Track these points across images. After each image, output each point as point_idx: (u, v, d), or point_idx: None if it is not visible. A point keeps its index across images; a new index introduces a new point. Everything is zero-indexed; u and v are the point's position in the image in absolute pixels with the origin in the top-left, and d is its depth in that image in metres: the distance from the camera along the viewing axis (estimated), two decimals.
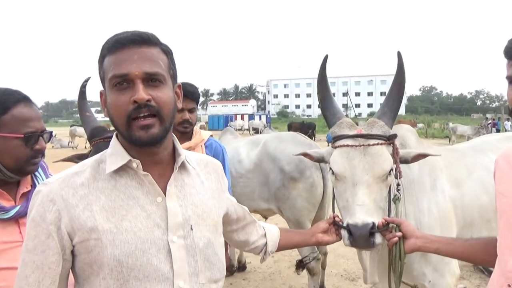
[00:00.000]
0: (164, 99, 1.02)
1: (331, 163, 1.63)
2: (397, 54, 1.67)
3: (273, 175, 3.37)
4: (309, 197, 3.30)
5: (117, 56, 0.99)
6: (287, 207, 3.35)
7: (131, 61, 0.98)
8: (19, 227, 1.36)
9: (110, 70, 0.99)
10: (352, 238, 1.47)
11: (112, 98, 1.00)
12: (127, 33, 1.01)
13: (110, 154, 1.06)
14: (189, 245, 1.05)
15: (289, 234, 1.57)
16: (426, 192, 1.99)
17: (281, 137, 3.66)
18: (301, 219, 3.34)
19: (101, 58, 1.03)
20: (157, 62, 1.02)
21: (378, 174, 1.54)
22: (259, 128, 34.01)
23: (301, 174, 3.28)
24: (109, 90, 1.01)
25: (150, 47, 1.02)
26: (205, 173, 1.21)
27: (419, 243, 1.42)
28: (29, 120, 1.40)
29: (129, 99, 0.97)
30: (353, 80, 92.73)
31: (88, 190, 1.01)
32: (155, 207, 1.04)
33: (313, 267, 3.42)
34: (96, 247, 0.97)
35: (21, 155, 1.38)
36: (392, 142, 1.61)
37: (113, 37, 1.02)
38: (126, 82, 0.98)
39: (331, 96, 1.78)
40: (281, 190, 3.34)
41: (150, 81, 1.00)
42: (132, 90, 0.98)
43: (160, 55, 1.04)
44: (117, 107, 0.99)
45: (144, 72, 0.98)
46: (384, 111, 1.67)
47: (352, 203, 1.52)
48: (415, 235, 1.44)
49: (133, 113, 0.98)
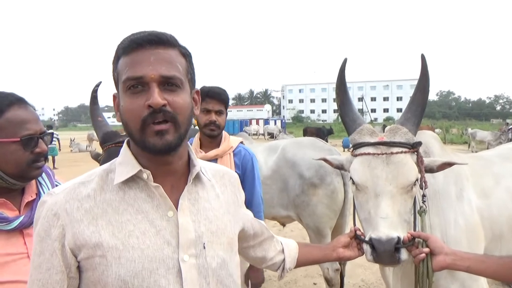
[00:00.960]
0: (181, 105, 0.95)
1: (351, 172, 1.54)
2: (421, 57, 1.57)
3: (292, 181, 3.30)
4: (330, 203, 3.21)
5: (132, 57, 0.93)
6: (307, 214, 3.26)
7: (147, 63, 0.92)
8: (23, 238, 1.30)
9: (124, 72, 0.93)
10: (375, 254, 1.37)
11: (125, 102, 0.94)
12: (143, 33, 0.95)
13: (120, 163, 0.99)
14: (201, 265, 0.97)
15: (308, 249, 1.48)
16: (452, 203, 1.88)
17: (300, 142, 3.59)
18: (321, 227, 3.25)
19: (116, 59, 0.97)
20: (174, 65, 0.95)
21: (403, 185, 1.44)
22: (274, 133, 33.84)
23: (321, 180, 3.20)
24: (123, 93, 0.95)
25: (168, 49, 0.96)
26: (220, 186, 1.13)
27: (448, 260, 1.32)
28: (26, 123, 1.33)
29: (143, 104, 0.91)
30: (369, 85, 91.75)
31: (94, 202, 0.95)
32: (166, 223, 0.96)
33: (331, 278, 3.32)
34: (101, 265, 0.91)
35: (21, 160, 1.31)
36: (416, 150, 1.52)
37: (128, 37, 0.96)
38: (141, 85, 0.92)
39: (351, 101, 1.70)
40: (300, 197, 3.25)
41: (167, 85, 0.94)
42: (147, 94, 0.92)
43: (178, 57, 0.98)
44: (130, 112, 0.93)
45: (161, 75, 0.92)
46: (407, 117, 1.57)
47: (374, 216, 1.42)
48: (444, 251, 1.34)
49: (148, 118, 0.91)
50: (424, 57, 1.56)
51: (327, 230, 3.27)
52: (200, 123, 2.34)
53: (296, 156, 3.35)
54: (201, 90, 2.35)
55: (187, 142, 1.05)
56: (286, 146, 3.51)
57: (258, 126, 42.40)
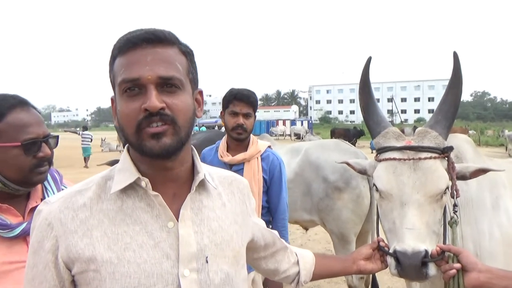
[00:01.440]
0: (181, 107, 0.88)
1: (375, 178, 1.44)
2: (453, 55, 1.45)
3: (316, 184, 3.20)
4: (355, 208, 3.10)
5: (128, 57, 0.87)
6: (331, 218, 3.16)
7: (144, 63, 0.85)
8: (27, 245, 1.25)
9: (120, 74, 0.87)
10: (400, 268, 1.27)
11: (122, 106, 0.87)
12: (140, 31, 0.88)
13: (119, 169, 0.93)
14: (202, 281, 0.90)
15: (326, 261, 1.37)
16: (487, 212, 1.73)
17: (324, 144, 3.48)
18: (346, 232, 3.14)
19: (112, 60, 0.90)
20: (173, 65, 0.88)
21: (431, 193, 1.33)
22: (300, 134, 33.58)
23: (346, 184, 3.09)
24: (119, 96, 0.88)
25: (166, 47, 0.89)
26: (228, 193, 1.05)
27: (482, 278, 1.19)
28: (27, 126, 1.27)
29: (139, 107, 0.85)
30: (399, 85, 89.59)
31: (89, 212, 0.89)
32: (165, 234, 0.89)
33: (355, 286, 3.20)
34: (95, 280, 0.85)
35: (22, 165, 1.25)
36: (447, 155, 1.40)
37: (124, 35, 0.89)
38: (137, 87, 0.86)
39: (375, 103, 1.59)
40: (324, 201, 3.15)
41: (165, 86, 0.87)
42: (144, 96, 0.85)
43: (178, 56, 0.91)
44: (126, 116, 0.86)
45: (158, 76, 0.85)
46: (437, 119, 1.45)
47: (400, 226, 1.32)
48: (478, 268, 1.21)
49: (143, 122, 0.85)
50: (457, 54, 1.44)
51: (352, 236, 3.16)
52: (227, 126, 2.29)
53: (320, 158, 3.25)
54: (229, 92, 2.31)
55: (191, 147, 0.99)
56: (309, 148, 3.42)
57: (285, 127, 42.20)
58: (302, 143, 3.86)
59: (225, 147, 2.37)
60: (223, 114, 2.33)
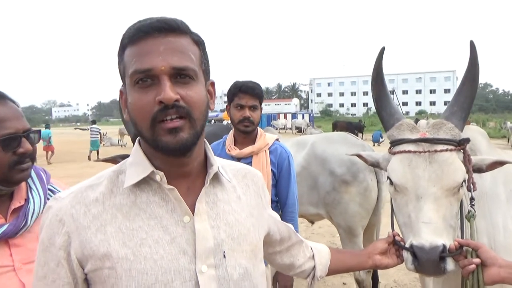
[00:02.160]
0: (195, 99, 0.85)
1: (389, 171, 1.40)
2: (470, 44, 1.41)
3: (323, 178, 3.16)
4: (362, 202, 3.07)
5: (139, 47, 0.83)
6: (338, 212, 3.13)
7: (156, 53, 0.82)
8: (9, 248, 1.18)
9: (131, 65, 0.83)
10: (417, 263, 1.24)
11: (134, 98, 0.84)
12: (151, 19, 0.84)
13: (131, 163, 0.90)
14: (221, 277, 0.87)
15: (341, 255, 1.35)
16: (501, 206, 1.70)
17: (330, 137, 3.44)
18: (354, 226, 3.11)
19: (121, 50, 0.87)
20: (187, 55, 0.85)
21: (448, 186, 1.30)
22: (301, 127, 33.53)
23: (353, 177, 3.05)
24: (130, 88, 0.85)
25: (179, 37, 0.85)
26: (242, 186, 1.02)
27: (503, 273, 1.16)
28: (4, 121, 1.19)
29: (153, 99, 0.81)
30: (400, 78, 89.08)
31: (102, 207, 0.86)
32: (181, 229, 0.87)
33: (362, 280, 3.18)
34: (110, 278, 0.82)
35: (1, 162, 1.17)
36: (463, 147, 1.36)
37: (135, 24, 0.85)
38: (150, 78, 0.82)
39: (388, 94, 1.55)
40: (331, 194, 3.12)
41: (179, 77, 0.83)
42: (158, 88, 0.82)
43: (191, 46, 0.87)
44: (139, 109, 0.83)
45: (172, 67, 0.82)
46: (453, 111, 1.41)
47: (416, 220, 1.28)
48: (498, 263, 1.18)
49: (159, 115, 0.81)
50: (474, 44, 1.39)
51: (359, 230, 3.14)
52: (233, 119, 2.26)
53: (326, 152, 3.21)
54: (234, 85, 2.27)
55: (204, 140, 0.96)
56: (315, 141, 3.37)
57: (286, 120, 42.10)
58: (308, 136, 3.81)
59: (232, 141, 2.34)
60: (229, 107, 2.30)
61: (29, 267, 1.16)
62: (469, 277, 1.22)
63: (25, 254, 1.19)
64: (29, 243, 1.21)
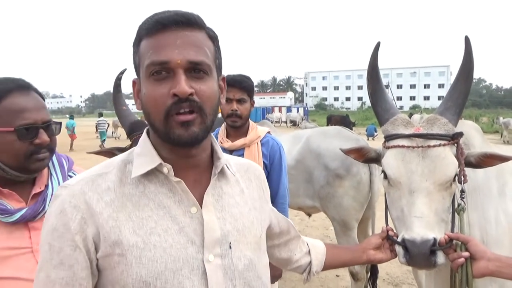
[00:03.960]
0: (208, 94, 0.86)
1: (384, 165, 1.42)
2: (465, 40, 1.41)
3: (317, 172, 3.19)
4: (356, 195, 3.10)
5: (156, 39, 0.84)
6: (332, 206, 3.16)
7: (173, 46, 0.83)
8: (29, 231, 1.22)
9: (147, 56, 0.84)
10: (408, 256, 1.26)
11: (148, 89, 0.85)
12: (169, 12, 0.85)
13: (138, 154, 0.91)
14: (227, 266, 0.89)
15: (336, 251, 1.37)
16: (493, 199, 1.72)
17: (325, 132, 3.45)
18: (347, 219, 3.15)
19: (137, 41, 0.88)
20: (203, 49, 0.86)
21: (441, 181, 1.31)
22: (296, 121, 33.59)
23: (347, 171, 3.08)
24: (145, 79, 0.86)
25: (196, 31, 0.86)
26: (245, 180, 1.04)
27: (491, 267, 1.18)
28: (23, 111, 1.22)
29: (168, 92, 0.83)
30: (395, 72, 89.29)
31: (114, 195, 0.87)
32: (189, 219, 0.88)
33: (357, 272, 3.22)
34: (120, 264, 0.83)
35: (18, 151, 1.21)
36: (456, 141, 1.37)
37: (152, 17, 0.86)
38: (165, 71, 0.83)
39: (383, 89, 1.56)
40: (325, 188, 3.15)
41: (194, 71, 0.85)
42: (173, 81, 0.83)
43: (206, 41, 0.88)
44: (154, 100, 0.84)
45: (188, 61, 0.83)
46: (447, 106, 1.42)
47: (408, 214, 1.30)
48: (487, 256, 1.20)
49: (173, 108, 0.83)
50: (469, 39, 1.40)
51: (353, 223, 3.17)
52: (223, 113, 2.28)
53: (321, 146, 3.23)
54: None
55: (211, 134, 0.97)
56: (310, 136, 3.39)
57: (281, 114, 42.11)
58: (304, 130, 3.84)
59: (225, 133, 2.37)
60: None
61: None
62: (458, 270, 1.24)
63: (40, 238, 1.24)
64: None
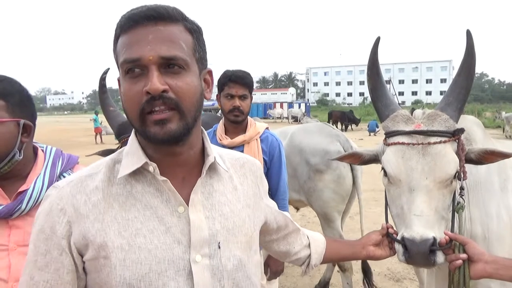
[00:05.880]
0: (185, 90, 0.83)
1: (383, 162, 1.40)
2: (466, 34, 1.38)
3: (300, 168, 3.30)
4: (336, 188, 3.21)
5: (129, 36, 0.82)
6: (314, 199, 3.28)
7: (145, 42, 0.80)
8: (10, 229, 1.23)
9: (121, 54, 0.82)
10: (408, 255, 1.24)
11: (124, 88, 0.84)
12: (142, 8, 0.83)
13: (127, 153, 0.90)
14: (215, 267, 0.88)
15: (336, 245, 1.36)
16: (495, 194, 1.70)
17: (307, 128, 3.57)
18: (328, 211, 3.27)
19: (115, 39, 0.86)
20: (176, 43, 0.83)
21: (441, 179, 1.29)
22: (298, 117, 33.46)
23: (327, 166, 3.19)
24: (122, 77, 0.84)
25: (169, 25, 0.83)
26: (240, 176, 1.02)
27: (489, 269, 1.17)
28: None
29: (142, 89, 0.80)
30: (397, 67, 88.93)
31: (102, 195, 0.86)
32: (176, 219, 0.87)
33: (343, 263, 3.32)
34: (105, 267, 0.83)
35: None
36: (457, 138, 1.35)
37: (127, 13, 0.84)
38: (139, 68, 0.81)
39: (384, 85, 1.53)
40: (307, 183, 3.26)
41: (168, 67, 0.82)
42: (146, 78, 0.80)
43: (183, 34, 0.85)
44: (129, 99, 0.82)
45: (160, 56, 0.80)
46: (448, 101, 1.39)
47: (408, 212, 1.28)
48: (484, 258, 1.19)
49: (146, 106, 0.81)
50: (470, 33, 1.37)
51: (335, 215, 3.29)
52: (224, 109, 2.26)
53: (303, 143, 3.34)
54: (224, 74, 2.25)
55: (201, 130, 0.95)
56: (294, 132, 3.52)
57: (282, 110, 41.97)
58: (290, 126, 3.93)
59: (223, 130, 2.35)
60: (219, 97, 2.30)
61: (22, 249, 1.20)
62: (455, 272, 1.23)
63: (21, 236, 1.23)
64: (28, 226, 1.24)
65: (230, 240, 0.91)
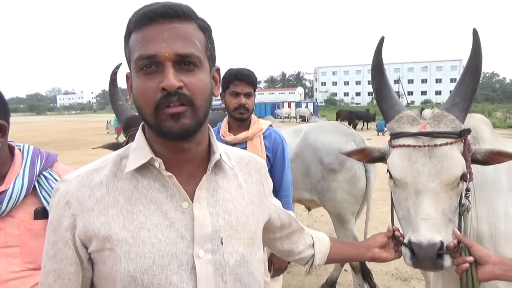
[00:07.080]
0: (199, 87, 0.85)
1: (389, 165, 1.37)
2: (473, 33, 1.36)
3: (314, 166, 3.22)
4: (350, 189, 3.13)
5: (144, 32, 0.83)
6: (327, 199, 3.20)
7: (161, 39, 0.82)
8: None
9: (136, 50, 0.84)
10: (415, 259, 1.22)
11: (138, 84, 0.85)
12: (156, 5, 0.84)
13: (134, 149, 0.92)
14: (217, 262, 0.89)
15: (340, 245, 1.36)
16: (503, 193, 1.67)
17: (322, 127, 3.48)
18: (342, 212, 3.19)
19: (127, 35, 0.87)
20: (192, 41, 0.85)
21: (448, 181, 1.27)
22: (305, 116, 33.31)
23: (341, 166, 3.10)
24: (135, 73, 0.85)
25: (184, 22, 0.85)
26: (244, 174, 1.03)
27: (497, 271, 1.15)
28: None
29: (157, 86, 0.82)
30: (406, 67, 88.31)
31: (106, 190, 0.88)
32: (180, 214, 0.88)
33: (356, 265, 3.25)
34: (110, 259, 0.85)
35: None
36: (464, 138, 1.33)
37: (140, 9, 0.85)
38: (154, 64, 0.82)
39: (389, 85, 1.51)
40: (320, 182, 3.18)
41: (183, 64, 0.83)
42: (161, 74, 0.82)
43: (196, 32, 0.87)
44: (143, 95, 0.84)
45: (176, 54, 0.82)
46: (454, 102, 1.37)
47: (414, 216, 1.26)
48: (492, 260, 1.17)
49: (162, 102, 0.82)
50: (477, 32, 1.34)
51: (349, 216, 3.21)
52: (229, 106, 2.27)
53: (317, 141, 3.26)
54: (228, 72, 2.26)
55: (208, 127, 0.96)
56: (308, 130, 3.44)
57: (290, 109, 41.81)
58: (304, 125, 3.86)
59: (227, 127, 2.36)
60: (223, 95, 2.30)
61: (4, 251, 1.19)
62: (462, 275, 1.21)
63: (2, 238, 1.22)
64: (9, 228, 1.23)
65: (233, 236, 0.92)
